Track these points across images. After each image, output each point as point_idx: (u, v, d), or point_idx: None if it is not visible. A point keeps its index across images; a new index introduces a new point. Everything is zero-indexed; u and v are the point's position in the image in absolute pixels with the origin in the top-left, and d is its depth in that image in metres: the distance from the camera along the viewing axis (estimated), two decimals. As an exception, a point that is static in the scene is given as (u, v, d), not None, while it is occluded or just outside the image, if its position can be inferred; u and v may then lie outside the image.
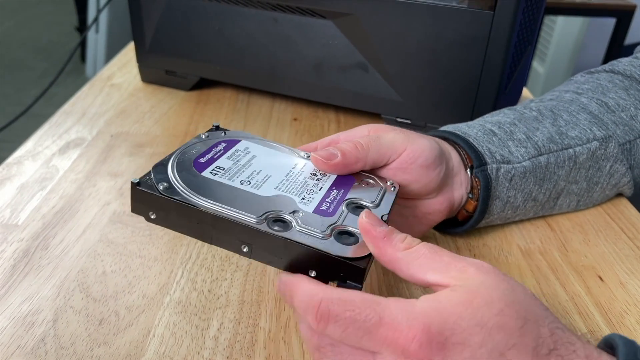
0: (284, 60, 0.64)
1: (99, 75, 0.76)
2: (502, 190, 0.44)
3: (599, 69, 0.54)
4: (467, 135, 0.45)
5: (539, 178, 0.45)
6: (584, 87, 0.51)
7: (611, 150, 0.47)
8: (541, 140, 0.46)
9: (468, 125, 0.47)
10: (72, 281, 0.40)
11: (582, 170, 0.47)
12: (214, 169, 0.35)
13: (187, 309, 0.38)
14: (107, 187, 0.51)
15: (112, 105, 0.68)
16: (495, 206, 0.45)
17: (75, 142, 0.59)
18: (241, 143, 0.39)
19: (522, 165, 0.44)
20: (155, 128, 0.63)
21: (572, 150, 0.46)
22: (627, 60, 0.53)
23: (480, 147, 0.44)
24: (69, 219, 0.47)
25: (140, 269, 0.42)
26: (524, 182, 0.45)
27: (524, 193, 0.45)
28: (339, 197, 0.35)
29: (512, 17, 0.52)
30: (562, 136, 0.46)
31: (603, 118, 0.48)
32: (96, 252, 0.43)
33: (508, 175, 0.44)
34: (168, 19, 0.67)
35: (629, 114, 0.48)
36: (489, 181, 0.43)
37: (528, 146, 0.45)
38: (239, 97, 0.72)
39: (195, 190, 0.32)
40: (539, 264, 0.44)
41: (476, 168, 0.43)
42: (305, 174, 0.37)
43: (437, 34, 0.55)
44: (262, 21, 0.63)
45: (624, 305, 0.40)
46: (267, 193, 0.34)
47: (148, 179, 0.33)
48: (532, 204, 0.47)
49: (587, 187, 0.48)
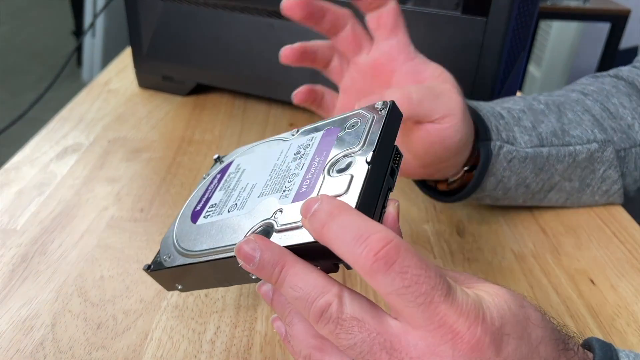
0: (280, 66, 0.65)
1: (96, 81, 0.77)
2: (498, 168, 0.45)
3: (604, 73, 0.55)
4: (478, 109, 0.46)
5: (538, 167, 0.46)
6: (590, 88, 0.52)
7: (608, 154, 0.48)
8: (545, 132, 0.47)
9: (478, 104, 0.48)
10: (70, 286, 0.40)
11: (578, 170, 0.48)
12: (207, 210, 0.33)
13: (184, 313, 0.39)
14: (105, 193, 0.52)
15: (109, 110, 0.69)
16: (489, 182, 0.46)
17: (73, 148, 0.59)
18: (233, 164, 0.37)
19: (525, 151, 0.45)
20: (152, 133, 0.64)
21: (572, 147, 0.47)
22: (627, 68, 0.54)
23: (489, 122, 0.45)
24: (67, 224, 0.47)
25: (137, 274, 0.42)
26: (521, 167, 0.46)
27: (519, 177, 0.46)
28: (319, 166, 0.29)
29: (505, 24, 0.53)
30: (564, 133, 0.47)
31: (603, 123, 0.49)
32: (94, 257, 0.43)
33: (509, 155, 0.45)
34: (165, 25, 0.68)
35: (626, 123, 0.49)
36: (489, 157, 0.44)
37: (532, 135, 0.46)
38: (236, 103, 0.73)
39: (192, 246, 0.31)
40: (531, 268, 0.45)
41: (480, 142, 0.44)
42: (289, 158, 0.32)
43: (431, 40, 0.56)
44: (259, 27, 0.63)
45: (615, 308, 0.41)
46: (252, 206, 0.30)
47: (157, 258, 0.33)
48: (523, 190, 0.48)
49: (579, 187, 0.49)
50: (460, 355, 0.22)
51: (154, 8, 0.67)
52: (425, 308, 0.22)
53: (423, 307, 0.22)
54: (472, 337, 0.22)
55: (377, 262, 0.22)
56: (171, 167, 0.57)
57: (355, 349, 0.23)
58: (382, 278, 0.22)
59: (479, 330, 0.22)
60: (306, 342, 0.26)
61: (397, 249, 0.22)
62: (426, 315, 0.22)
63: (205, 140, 0.63)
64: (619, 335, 0.38)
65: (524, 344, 0.23)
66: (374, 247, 0.22)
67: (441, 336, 0.22)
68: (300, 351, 0.26)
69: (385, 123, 0.29)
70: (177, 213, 0.36)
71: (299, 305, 0.25)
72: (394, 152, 0.29)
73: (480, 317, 0.23)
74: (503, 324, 0.23)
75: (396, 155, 0.29)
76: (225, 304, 0.40)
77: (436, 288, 0.22)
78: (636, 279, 0.44)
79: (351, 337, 0.23)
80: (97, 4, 2.43)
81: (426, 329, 0.23)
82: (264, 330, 0.38)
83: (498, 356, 0.23)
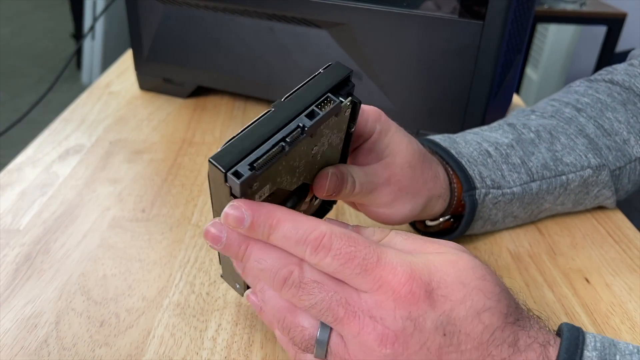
0: (280, 68, 0.66)
1: (97, 83, 0.78)
2: (484, 212, 0.46)
3: (598, 78, 0.54)
4: (460, 156, 0.45)
5: (526, 202, 0.47)
6: (584, 100, 0.51)
7: (602, 177, 0.48)
8: (535, 166, 0.46)
9: (465, 141, 0.47)
10: (73, 284, 0.41)
11: (572, 195, 0.48)
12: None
13: (185, 311, 0.39)
14: (107, 193, 0.52)
15: (111, 112, 0.69)
16: (475, 225, 0.46)
17: (75, 149, 0.60)
18: None
19: (511, 190, 0.45)
20: (153, 135, 0.64)
21: (565, 177, 0.47)
22: (623, 68, 0.53)
23: (472, 171, 0.45)
24: (70, 224, 0.48)
25: (139, 273, 0.43)
26: (508, 206, 0.46)
27: (506, 212, 0.47)
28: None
29: (501, 27, 0.53)
30: (556, 162, 0.47)
31: (598, 142, 0.48)
32: (96, 256, 0.44)
33: (494, 200, 0.45)
34: (166, 28, 0.69)
35: (622, 138, 0.48)
36: (474, 207, 0.44)
37: (521, 172, 0.46)
38: (236, 105, 0.73)
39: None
40: (527, 267, 0.46)
41: (464, 192, 0.44)
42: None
43: (429, 43, 0.57)
44: (259, 30, 0.64)
45: (609, 306, 0.42)
46: None
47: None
48: (511, 220, 0.49)
49: (572, 207, 0.50)
50: (400, 307, 0.26)
51: (154, 11, 0.68)
52: (364, 275, 0.27)
53: (362, 275, 0.27)
54: (408, 291, 0.26)
55: (318, 254, 0.27)
56: (172, 168, 0.58)
57: (316, 307, 0.28)
58: (325, 263, 0.27)
59: (413, 285, 0.27)
60: (278, 306, 0.30)
61: (329, 239, 0.27)
62: (367, 280, 0.27)
63: (205, 141, 0.64)
64: (613, 332, 0.39)
65: (463, 307, 0.27)
66: (313, 244, 0.27)
67: (383, 293, 0.27)
68: (274, 315, 0.30)
69: (315, 76, 0.31)
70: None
71: (265, 277, 0.29)
72: (323, 98, 0.30)
73: (412, 275, 0.27)
74: (438, 285, 0.27)
75: (325, 101, 0.30)
76: (227, 302, 0.40)
77: (367, 257, 0.27)
78: (630, 278, 0.44)
79: (312, 297, 0.28)
80: (96, 7, 2.44)
81: (371, 290, 0.27)
82: (264, 328, 0.38)
83: (434, 311, 0.27)
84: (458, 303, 0.27)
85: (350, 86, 0.32)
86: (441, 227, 0.48)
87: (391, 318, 0.26)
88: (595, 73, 0.56)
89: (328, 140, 0.32)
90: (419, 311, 0.26)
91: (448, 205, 0.45)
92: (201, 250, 0.45)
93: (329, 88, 0.30)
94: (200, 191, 0.54)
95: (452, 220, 0.47)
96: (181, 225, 0.49)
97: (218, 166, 0.26)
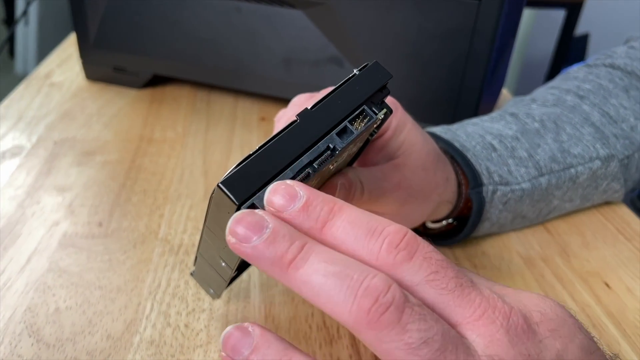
0: (249, 54, 0.59)
1: (35, 73, 0.68)
2: (493, 213, 0.41)
3: (598, 62, 0.51)
4: (465, 150, 0.41)
5: (535, 199, 0.43)
6: (585, 87, 0.48)
7: (612, 169, 0.45)
8: (543, 159, 0.43)
9: (467, 134, 0.43)
10: (18, 323, 0.33)
11: (580, 189, 0.45)
12: None
13: (161, 350, 0.33)
14: (54, 204, 0.44)
15: (53, 107, 0.60)
16: (482, 227, 0.42)
17: (12, 152, 0.51)
18: None
19: (520, 187, 0.41)
20: (105, 132, 0.56)
21: (573, 170, 0.43)
22: (623, 51, 0.51)
23: (478, 166, 0.40)
24: (10, 244, 0.40)
25: (101, 303, 0.35)
26: (518, 205, 0.42)
27: (515, 213, 0.43)
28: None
29: (498, 8, 0.49)
30: (564, 154, 0.43)
31: (605, 131, 0.45)
32: (46, 285, 0.36)
33: (504, 198, 0.41)
34: (116, 9, 0.60)
35: (629, 125, 0.46)
36: (482, 204, 0.40)
37: (529, 166, 0.42)
38: (198, 96, 0.66)
39: None
40: (542, 272, 0.41)
41: (471, 189, 0.40)
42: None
43: (419, 25, 0.51)
44: (224, 11, 0.57)
45: (637, 314, 0.38)
46: None
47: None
48: (519, 221, 0.45)
49: (580, 204, 0.47)
50: (516, 342, 0.20)
51: (101, -10, 0.59)
52: (460, 293, 0.20)
53: (457, 292, 0.20)
54: (517, 323, 0.20)
55: (400, 253, 0.20)
56: (130, 171, 0.50)
57: (428, 345, 0.18)
58: (408, 268, 0.20)
59: (519, 317, 0.20)
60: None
61: (414, 237, 0.20)
62: (465, 302, 0.20)
63: (167, 138, 0.56)
64: (648, 346, 0.35)
65: (573, 345, 0.21)
66: (392, 239, 0.20)
67: (491, 323, 0.20)
68: None
69: (349, 80, 0.24)
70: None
71: (336, 293, 0.19)
72: (359, 111, 0.24)
73: (511, 305, 0.20)
74: (540, 319, 0.21)
75: (361, 115, 0.24)
76: (210, 336, 0.34)
77: (460, 275, 0.20)
78: (652, 280, 0.41)
79: (422, 327, 0.18)
80: (29, -10, 2.26)
81: (471, 320, 0.20)
82: (258, 366, 0.32)
83: (547, 350, 0.20)
84: (569, 340, 0.21)
85: (384, 93, 0.25)
86: (442, 229, 0.43)
87: (510, 357, 0.20)
88: (593, 57, 0.53)
89: (348, 153, 0.27)
90: (535, 348, 0.20)
91: (454, 207, 0.41)
92: (174, 271, 0.38)
93: (365, 98, 0.24)
94: (166, 198, 0.46)
95: (456, 223, 0.43)
96: (147, 240, 0.41)
97: (230, 195, 0.20)
